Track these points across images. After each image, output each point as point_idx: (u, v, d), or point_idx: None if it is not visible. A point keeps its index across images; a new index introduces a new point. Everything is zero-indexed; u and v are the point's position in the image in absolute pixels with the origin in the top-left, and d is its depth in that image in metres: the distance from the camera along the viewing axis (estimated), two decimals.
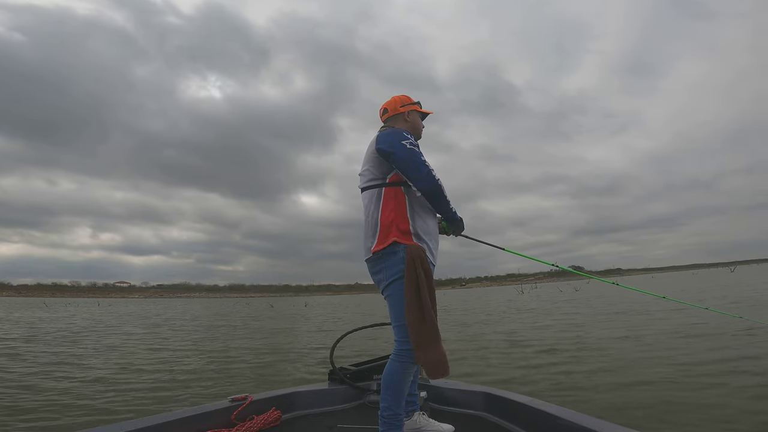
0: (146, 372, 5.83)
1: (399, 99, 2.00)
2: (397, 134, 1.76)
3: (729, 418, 3.10)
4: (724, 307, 10.35)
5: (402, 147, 1.71)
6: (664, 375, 4.37)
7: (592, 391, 4.05)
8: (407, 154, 1.69)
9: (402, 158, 1.69)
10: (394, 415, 1.64)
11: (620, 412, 3.38)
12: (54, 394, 4.55)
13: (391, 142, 1.73)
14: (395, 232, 1.68)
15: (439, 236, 1.86)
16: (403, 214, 1.72)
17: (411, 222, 1.71)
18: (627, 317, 10.07)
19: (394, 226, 1.69)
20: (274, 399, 2.13)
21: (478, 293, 55.15)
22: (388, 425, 1.64)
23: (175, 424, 1.73)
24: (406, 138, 1.74)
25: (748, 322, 6.30)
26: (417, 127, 1.99)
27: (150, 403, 4.19)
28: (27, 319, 18.14)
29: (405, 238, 1.68)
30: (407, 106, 1.97)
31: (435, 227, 1.82)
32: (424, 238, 1.72)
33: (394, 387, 1.65)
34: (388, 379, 1.66)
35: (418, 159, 1.70)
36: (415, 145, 1.75)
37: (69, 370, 5.91)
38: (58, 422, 3.64)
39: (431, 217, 1.79)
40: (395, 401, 1.65)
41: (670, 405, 3.45)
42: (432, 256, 1.74)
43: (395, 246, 1.66)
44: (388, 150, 1.72)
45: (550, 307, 16.34)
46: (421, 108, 2.01)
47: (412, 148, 1.71)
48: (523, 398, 1.97)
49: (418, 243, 1.69)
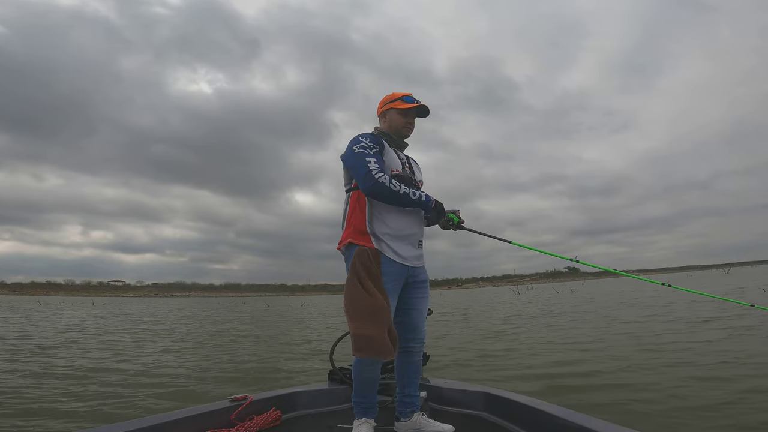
0: (146, 372, 5.80)
1: (382, 100, 1.98)
2: (351, 142, 1.82)
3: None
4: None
5: (349, 153, 1.79)
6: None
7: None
8: (351, 160, 1.76)
9: (349, 165, 1.80)
10: (356, 403, 1.81)
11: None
12: (53, 395, 4.52)
13: (345, 151, 1.83)
14: (352, 233, 1.79)
15: (411, 232, 1.85)
16: (361, 216, 1.79)
17: (368, 223, 1.78)
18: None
19: (352, 227, 1.80)
20: (274, 399, 2.12)
21: (480, 294, 55.28)
22: (355, 412, 1.82)
23: (175, 424, 1.73)
24: (358, 142, 1.78)
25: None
26: (394, 125, 1.92)
27: (150, 403, 4.17)
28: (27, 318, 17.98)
29: (361, 239, 1.76)
30: (386, 105, 1.94)
31: (403, 225, 1.81)
32: (383, 238, 1.77)
33: (355, 375, 1.81)
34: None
35: (360, 162, 1.72)
36: (366, 147, 1.75)
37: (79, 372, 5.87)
38: (59, 421, 3.62)
39: (397, 217, 1.80)
40: (357, 389, 1.80)
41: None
42: (395, 254, 1.78)
43: (350, 247, 1.78)
44: (342, 159, 1.85)
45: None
46: (405, 103, 1.89)
47: (359, 151, 1.74)
48: (523, 398, 1.97)
49: (374, 243, 1.76)
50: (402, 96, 1.91)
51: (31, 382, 5.07)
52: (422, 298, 1.92)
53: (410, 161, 1.99)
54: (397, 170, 1.84)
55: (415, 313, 1.90)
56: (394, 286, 1.78)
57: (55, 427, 3.52)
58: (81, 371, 5.73)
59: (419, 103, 1.91)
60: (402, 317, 1.89)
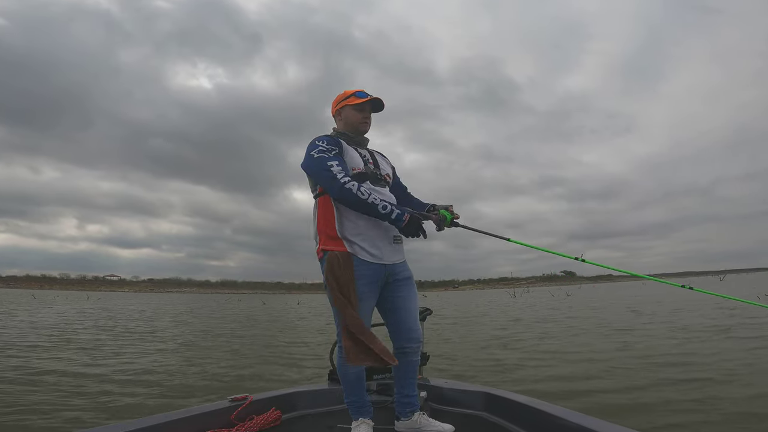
0: (146, 372, 5.77)
1: (334, 100, 1.92)
2: (309, 147, 1.76)
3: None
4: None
5: (309, 160, 1.73)
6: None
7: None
8: (313, 166, 1.72)
9: (312, 173, 1.76)
10: (350, 403, 1.83)
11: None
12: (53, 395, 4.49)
13: (304, 158, 1.77)
14: (324, 239, 1.76)
15: (383, 229, 1.77)
16: (330, 220, 1.74)
17: (338, 226, 1.73)
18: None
19: (324, 234, 1.76)
20: (274, 399, 2.11)
21: (476, 296, 55.35)
22: (351, 412, 1.84)
23: (175, 424, 1.72)
24: (315, 147, 1.73)
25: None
26: (351, 122, 1.86)
27: (150, 403, 4.15)
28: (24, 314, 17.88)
29: (333, 244, 1.72)
30: (340, 104, 1.88)
31: (374, 224, 1.74)
32: (354, 239, 1.72)
33: (341, 376, 1.83)
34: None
35: (321, 167, 1.67)
36: (325, 150, 1.70)
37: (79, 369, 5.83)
38: (56, 422, 3.59)
39: (365, 216, 1.73)
40: (346, 390, 1.84)
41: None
42: (368, 254, 1.72)
43: (323, 254, 1.75)
44: (303, 168, 1.78)
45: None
46: (358, 98, 1.83)
47: (319, 156, 1.69)
48: (523, 398, 1.97)
49: (346, 246, 1.71)
50: (354, 92, 1.87)
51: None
52: (407, 296, 1.84)
53: (374, 156, 1.92)
54: (359, 168, 1.78)
55: (403, 313, 1.82)
56: (370, 288, 1.73)
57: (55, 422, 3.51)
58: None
59: (372, 96, 1.87)
60: (390, 318, 1.84)
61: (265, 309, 25.89)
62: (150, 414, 1.80)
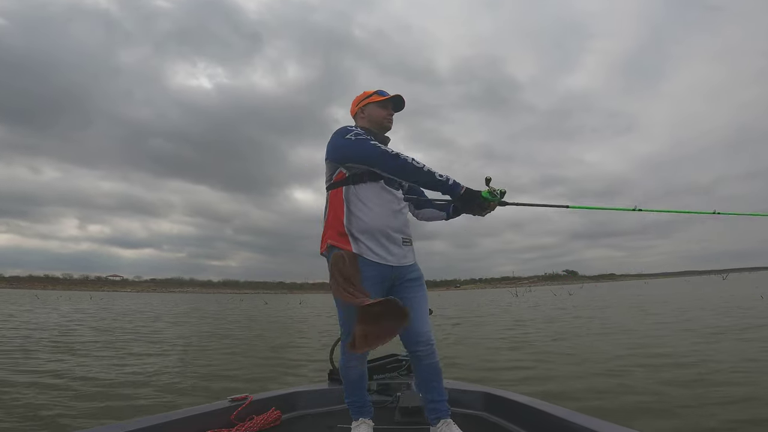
0: (145, 371, 5.78)
1: (355, 100, 1.93)
2: (341, 132, 1.74)
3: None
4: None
5: (346, 143, 1.69)
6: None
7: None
8: (353, 148, 1.67)
9: (353, 154, 1.68)
10: (350, 402, 1.83)
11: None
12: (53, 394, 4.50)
13: (334, 145, 1.73)
14: (331, 234, 1.71)
15: (390, 227, 1.71)
16: (339, 215, 1.70)
17: (346, 221, 1.69)
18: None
19: (332, 228, 1.72)
20: (273, 399, 2.11)
21: (479, 295, 55.31)
22: (351, 413, 1.84)
23: (175, 424, 1.72)
24: (350, 131, 1.72)
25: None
26: (375, 119, 1.86)
27: (150, 403, 4.16)
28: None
29: (339, 241, 1.68)
30: (362, 102, 1.88)
31: (381, 221, 1.69)
32: (360, 237, 1.67)
33: (343, 376, 1.82)
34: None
35: (365, 145, 1.66)
36: (363, 134, 1.71)
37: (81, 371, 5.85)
38: (56, 421, 3.61)
39: (376, 212, 1.69)
40: (347, 390, 1.83)
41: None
42: (374, 254, 1.67)
43: (330, 250, 1.70)
44: (335, 154, 1.72)
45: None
46: (381, 96, 1.85)
47: (359, 138, 1.68)
48: (523, 398, 1.96)
49: (352, 244, 1.66)
50: (376, 91, 1.88)
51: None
52: (416, 297, 1.76)
53: None
54: None
55: (411, 315, 1.71)
56: (374, 289, 1.65)
57: (54, 421, 3.51)
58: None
59: (395, 94, 1.87)
60: None
61: (267, 309, 25.92)
62: (150, 414, 1.80)
